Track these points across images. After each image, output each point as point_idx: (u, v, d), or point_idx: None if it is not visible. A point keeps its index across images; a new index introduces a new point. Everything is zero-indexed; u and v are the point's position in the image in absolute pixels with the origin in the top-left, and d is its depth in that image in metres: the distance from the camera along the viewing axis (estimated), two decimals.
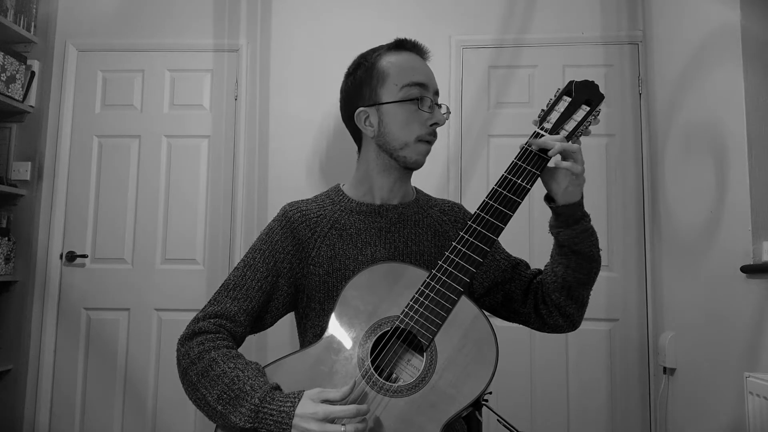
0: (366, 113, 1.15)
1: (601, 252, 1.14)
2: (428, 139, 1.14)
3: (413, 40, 1.18)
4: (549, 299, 1.15)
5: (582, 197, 1.08)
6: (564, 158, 1.03)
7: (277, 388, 0.96)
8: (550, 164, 1.05)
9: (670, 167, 2.41)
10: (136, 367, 2.74)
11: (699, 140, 2.13)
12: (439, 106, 1.16)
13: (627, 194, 2.66)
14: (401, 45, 1.16)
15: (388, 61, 1.14)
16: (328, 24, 2.85)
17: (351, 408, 0.90)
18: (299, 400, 0.92)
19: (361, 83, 1.16)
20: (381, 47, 1.18)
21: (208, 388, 0.98)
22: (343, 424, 0.88)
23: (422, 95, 1.12)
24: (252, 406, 0.92)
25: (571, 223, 1.08)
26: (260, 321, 1.14)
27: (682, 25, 2.29)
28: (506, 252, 1.26)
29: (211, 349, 1.01)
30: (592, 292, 1.18)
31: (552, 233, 1.12)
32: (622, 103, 2.70)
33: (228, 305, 1.09)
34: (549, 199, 1.10)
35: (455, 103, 2.76)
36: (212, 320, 1.07)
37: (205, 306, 1.10)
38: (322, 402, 0.91)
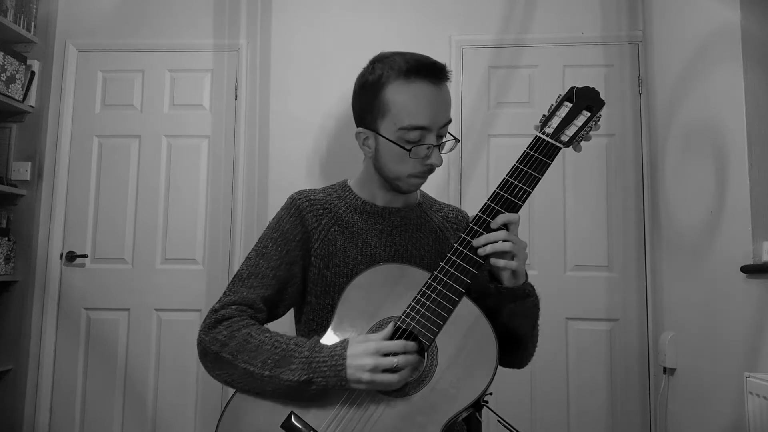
0: (365, 135, 1.12)
1: (538, 329, 1.14)
2: (422, 176, 1.12)
3: (428, 62, 1.08)
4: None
5: (525, 279, 1.05)
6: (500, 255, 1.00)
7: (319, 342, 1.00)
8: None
9: (670, 167, 2.41)
10: (136, 367, 2.74)
11: (699, 140, 2.13)
12: (443, 139, 1.09)
13: (627, 194, 2.66)
14: (413, 71, 1.06)
15: (394, 92, 1.06)
16: (328, 24, 2.85)
17: (399, 343, 0.95)
18: (348, 343, 0.96)
19: (364, 105, 1.11)
20: (394, 65, 1.07)
21: (248, 360, 0.99)
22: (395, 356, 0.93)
23: (420, 138, 1.06)
24: (303, 359, 0.96)
25: (515, 299, 1.05)
26: (275, 309, 1.14)
27: (682, 25, 2.29)
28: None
29: (241, 327, 1.03)
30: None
31: (493, 302, 1.06)
32: (622, 103, 2.70)
33: (245, 294, 1.09)
34: (492, 277, 1.06)
35: (455, 103, 2.76)
36: (232, 307, 1.07)
37: (221, 297, 1.10)
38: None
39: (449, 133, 1.12)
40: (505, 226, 1.01)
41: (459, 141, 1.13)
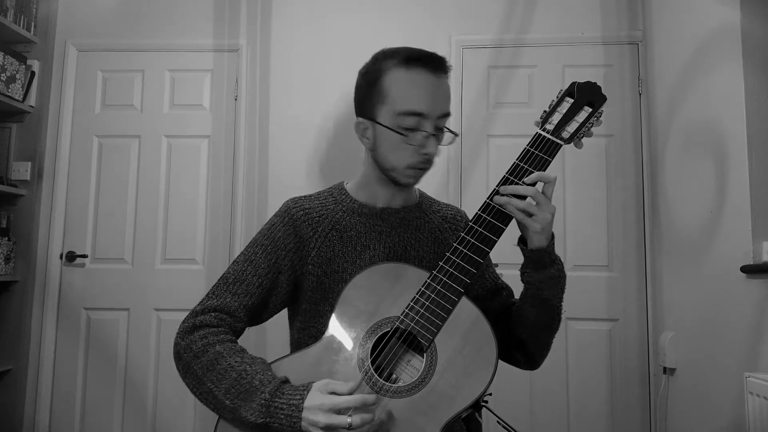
0: (365, 125, 1.12)
1: (564, 312, 1.13)
2: (420, 167, 1.10)
3: (428, 53, 1.08)
4: (513, 333, 1.14)
5: (550, 244, 1.05)
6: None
7: (286, 381, 0.97)
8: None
9: (670, 167, 2.41)
10: (136, 367, 2.74)
11: (699, 140, 2.13)
12: (441, 131, 1.09)
13: (627, 194, 2.66)
14: (411, 59, 1.06)
15: (393, 78, 1.06)
16: (328, 24, 2.85)
17: (357, 397, 0.91)
18: (308, 393, 0.92)
19: (363, 94, 1.11)
20: (395, 54, 1.08)
21: (215, 382, 0.98)
22: (349, 415, 0.88)
23: (417, 125, 1.05)
24: (263, 401, 0.93)
25: (538, 268, 1.06)
26: (257, 316, 1.14)
27: (682, 25, 2.29)
28: (495, 274, 1.25)
29: (215, 343, 1.02)
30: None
31: (520, 272, 1.10)
32: (622, 103, 2.70)
33: (228, 300, 1.08)
34: (522, 240, 1.07)
35: (455, 103, 2.76)
36: (213, 314, 1.07)
37: (204, 299, 1.10)
38: (330, 393, 0.92)
39: (447, 128, 1.10)
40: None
41: (457, 135, 1.11)
